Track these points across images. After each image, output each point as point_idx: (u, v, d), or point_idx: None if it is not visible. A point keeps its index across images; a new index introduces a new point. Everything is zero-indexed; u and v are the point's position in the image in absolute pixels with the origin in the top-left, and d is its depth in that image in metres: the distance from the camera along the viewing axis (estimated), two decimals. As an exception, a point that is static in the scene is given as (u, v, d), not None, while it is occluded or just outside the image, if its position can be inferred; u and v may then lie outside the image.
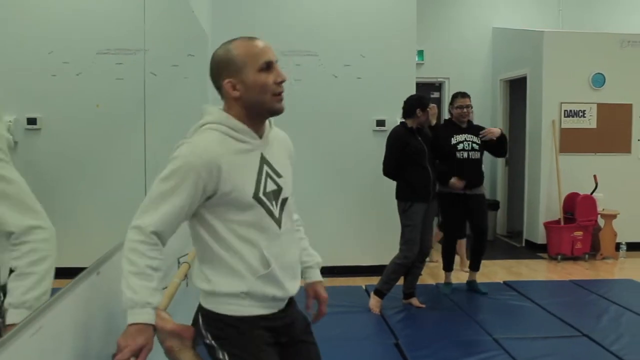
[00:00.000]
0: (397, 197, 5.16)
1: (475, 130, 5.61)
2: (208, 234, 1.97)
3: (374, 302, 5.19)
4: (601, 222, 7.47)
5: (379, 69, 6.46)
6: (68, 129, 1.93)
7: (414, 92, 6.42)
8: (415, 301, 5.31)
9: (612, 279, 6.58)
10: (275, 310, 2.08)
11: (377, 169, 5.34)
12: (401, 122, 5.20)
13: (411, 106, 5.09)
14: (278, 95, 1.98)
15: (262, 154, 2.03)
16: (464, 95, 5.62)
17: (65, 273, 1.79)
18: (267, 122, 2.08)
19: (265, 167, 2.03)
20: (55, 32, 1.82)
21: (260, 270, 1.99)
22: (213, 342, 2.02)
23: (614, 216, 7.41)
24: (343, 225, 6.48)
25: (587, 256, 7.36)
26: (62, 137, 1.76)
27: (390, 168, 5.11)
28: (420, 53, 8.70)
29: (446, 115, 8.98)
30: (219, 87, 2.01)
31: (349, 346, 4.39)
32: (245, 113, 1.98)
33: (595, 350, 4.28)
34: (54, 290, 1.65)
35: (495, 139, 5.48)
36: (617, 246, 7.48)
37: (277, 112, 2.01)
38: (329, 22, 6.44)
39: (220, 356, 2.01)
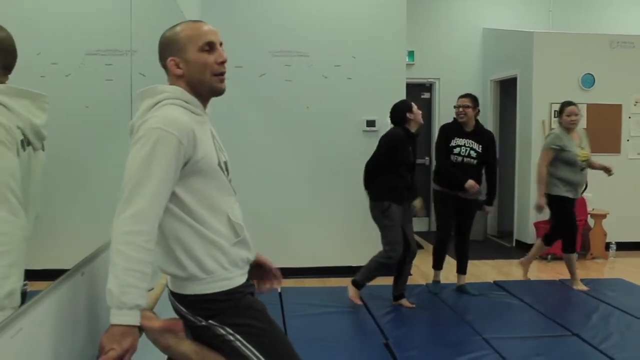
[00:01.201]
0: (375, 198, 5.16)
1: (481, 136, 5.59)
2: (179, 209, 1.97)
3: (352, 292, 5.25)
4: (591, 222, 7.50)
5: (369, 69, 6.46)
6: (56, 130, 1.92)
7: (404, 92, 6.45)
8: (405, 302, 5.31)
9: (601, 278, 6.62)
10: (247, 276, 2.16)
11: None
12: (403, 127, 5.18)
13: (400, 111, 5.14)
14: (219, 75, 2.06)
15: (210, 128, 2.12)
16: (463, 95, 5.66)
17: (49, 275, 1.79)
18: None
19: (215, 140, 2.12)
20: (44, 33, 1.81)
21: (232, 237, 2.06)
22: (209, 321, 2.04)
23: (604, 216, 7.44)
24: (333, 225, 6.49)
25: (577, 256, 7.37)
26: (51, 138, 1.75)
27: (377, 168, 5.16)
28: (411, 54, 8.72)
29: (436, 116, 9.09)
30: (164, 67, 2.09)
31: (339, 346, 4.39)
32: (189, 91, 2.04)
33: (585, 349, 4.30)
34: (36, 292, 1.64)
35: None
36: (607, 246, 7.51)
37: (218, 91, 2.09)
38: (319, 23, 6.44)
39: (221, 331, 2.04)
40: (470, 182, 5.39)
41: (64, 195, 1.96)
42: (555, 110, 7.65)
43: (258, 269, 2.37)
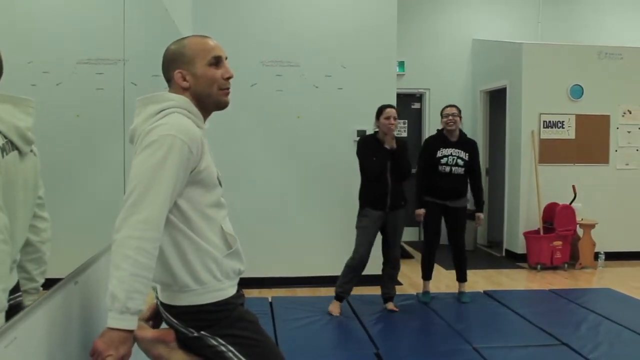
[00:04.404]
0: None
1: (466, 145, 5.69)
2: (177, 218, 1.98)
3: (332, 306, 5.31)
4: (580, 231, 7.53)
5: (359, 79, 6.49)
6: (47, 139, 1.92)
7: (394, 103, 6.45)
8: (389, 305, 5.43)
9: (590, 288, 6.64)
10: (237, 287, 2.16)
11: (358, 179, 5.37)
12: (375, 132, 5.35)
13: (376, 114, 5.28)
14: (225, 89, 2.11)
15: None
16: (450, 105, 5.74)
17: (43, 284, 1.78)
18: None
19: (211, 153, 2.12)
20: (35, 42, 1.81)
21: (224, 248, 2.07)
22: (202, 332, 2.04)
23: (593, 226, 7.48)
24: (324, 235, 6.48)
25: (566, 265, 7.42)
26: (41, 147, 1.75)
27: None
28: (401, 64, 8.76)
29: (426, 126, 9.12)
30: (169, 79, 2.11)
31: (329, 356, 4.39)
32: (194, 103, 2.07)
33: (574, 358, 4.31)
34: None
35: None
36: (596, 256, 7.55)
37: (222, 105, 2.14)
38: (310, 33, 6.46)
39: (213, 342, 2.04)
40: (419, 211, 5.60)
41: (56, 204, 1.95)
42: (544, 121, 7.74)
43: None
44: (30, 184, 1.65)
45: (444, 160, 5.57)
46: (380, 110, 5.20)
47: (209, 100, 2.09)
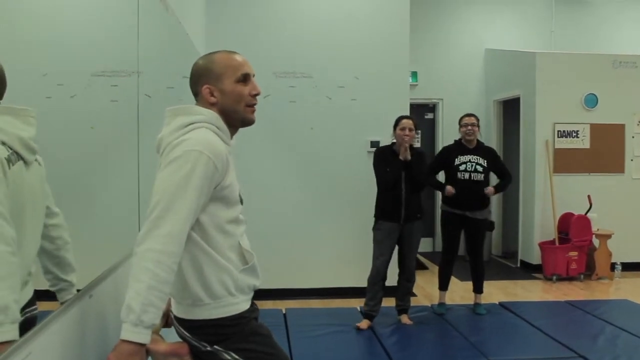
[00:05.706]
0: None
1: (484, 151, 5.68)
2: (197, 234, 1.97)
3: (361, 323, 5.27)
4: (596, 242, 7.46)
5: (372, 90, 6.48)
6: (62, 151, 1.92)
7: (407, 113, 6.46)
8: (403, 318, 5.37)
9: (607, 299, 6.56)
10: (251, 301, 2.17)
11: (372, 190, 5.34)
12: (392, 143, 5.33)
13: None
14: (251, 106, 2.11)
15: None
16: (469, 115, 5.73)
17: (56, 296, 1.78)
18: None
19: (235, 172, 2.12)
20: (50, 54, 1.82)
21: (240, 264, 2.07)
22: (215, 347, 2.04)
23: (609, 236, 7.41)
24: (338, 246, 6.46)
25: (582, 276, 7.35)
26: (56, 159, 1.75)
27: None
28: (414, 74, 8.76)
29: (440, 137, 9.10)
30: (196, 93, 2.12)
31: (344, 369, 4.36)
32: (222, 119, 2.07)
33: (592, 371, 4.27)
34: (45, 314, 1.63)
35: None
36: (612, 266, 7.47)
37: (248, 122, 2.14)
38: (323, 44, 6.47)
39: (225, 356, 2.04)
40: (449, 188, 5.50)
41: (70, 216, 1.95)
42: (558, 131, 7.69)
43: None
44: (37, 194, 1.65)
45: (462, 167, 5.54)
46: (397, 122, 5.19)
47: (236, 117, 2.09)
